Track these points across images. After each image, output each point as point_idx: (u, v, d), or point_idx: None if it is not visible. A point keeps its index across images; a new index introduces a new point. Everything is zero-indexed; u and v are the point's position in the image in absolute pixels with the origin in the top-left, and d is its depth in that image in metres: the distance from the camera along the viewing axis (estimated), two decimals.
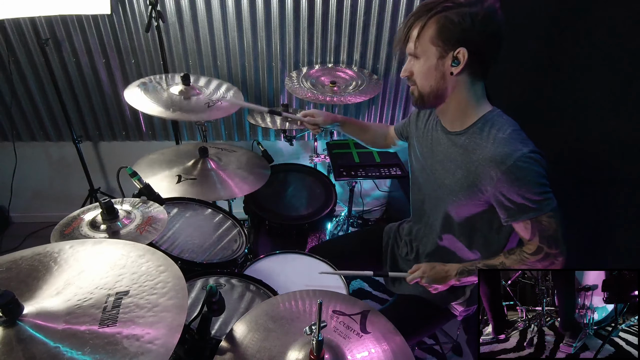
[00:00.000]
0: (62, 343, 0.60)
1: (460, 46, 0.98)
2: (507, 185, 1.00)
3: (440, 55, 1.01)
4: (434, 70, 1.03)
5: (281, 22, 2.12)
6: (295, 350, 0.83)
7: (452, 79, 1.03)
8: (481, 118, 1.07)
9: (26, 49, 2.10)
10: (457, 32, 0.97)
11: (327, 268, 1.38)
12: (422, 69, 1.05)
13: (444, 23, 0.97)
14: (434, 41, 1.00)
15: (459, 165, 1.10)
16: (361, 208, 2.87)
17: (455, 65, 1.00)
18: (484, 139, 1.04)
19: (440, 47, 1.00)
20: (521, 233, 1.07)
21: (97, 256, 0.79)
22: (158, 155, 1.71)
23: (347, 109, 2.45)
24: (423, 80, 1.07)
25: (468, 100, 1.07)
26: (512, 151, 0.98)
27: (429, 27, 1.00)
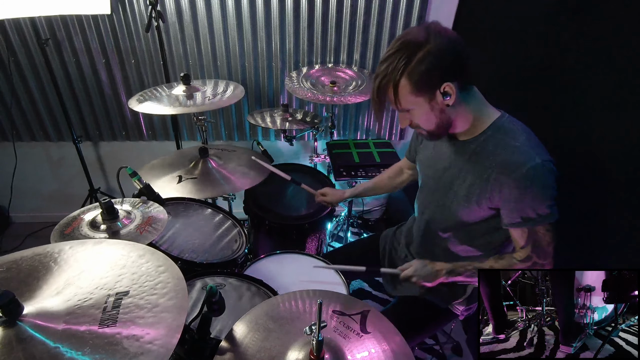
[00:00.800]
0: (62, 343, 0.60)
1: (441, 82, 0.98)
2: (515, 193, 1.00)
3: (430, 98, 1.01)
4: (431, 111, 1.03)
5: (281, 22, 2.12)
6: (296, 350, 0.83)
7: (451, 108, 1.03)
8: (492, 125, 1.07)
9: (26, 49, 2.10)
10: (430, 75, 0.97)
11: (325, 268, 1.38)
12: (419, 116, 1.06)
13: (413, 76, 0.97)
14: (416, 93, 1.00)
15: (469, 172, 1.10)
16: (361, 208, 2.87)
17: (447, 97, 1.00)
18: (498, 147, 1.04)
19: (425, 93, 1.00)
20: (516, 238, 1.08)
21: (97, 256, 0.79)
22: (160, 160, 1.71)
23: (346, 109, 2.45)
24: (426, 123, 1.07)
25: (474, 112, 1.07)
26: (525, 160, 0.98)
27: (402, 87, 0.99)
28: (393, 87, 1.00)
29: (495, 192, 1.04)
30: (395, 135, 2.57)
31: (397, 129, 2.55)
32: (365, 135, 2.57)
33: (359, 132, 2.56)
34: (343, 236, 2.60)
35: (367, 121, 2.52)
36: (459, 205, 1.15)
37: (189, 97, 1.77)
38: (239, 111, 2.41)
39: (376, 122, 2.51)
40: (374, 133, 2.56)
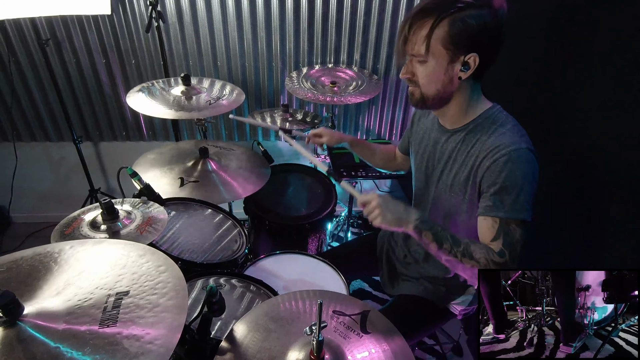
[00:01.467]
0: (62, 343, 0.60)
1: (472, 51, 0.94)
2: (492, 175, 0.98)
3: (451, 59, 0.96)
4: (443, 74, 0.98)
5: (281, 23, 2.13)
6: (296, 350, 0.83)
7: (458, 83, 1.01)
8: (482, 114, 1.07)
9: (26, 49, 2.10)
10: (472, 36, 0.92)
11: (325, 268, 1.38)
12: (428, 72, 1.00)
13: (457, 26, 0.91)
14: (445, 44, 0.94)
15: (458, 162, 1.10)
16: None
17: (464, 70, 0.97)
18: (485, 133, 1.04)
19: (451, 50, 0.94)
20: (484, 231, 1.02)
21: (98, 256, 0.79)
22: (156, 155, 1.71)
23: (347, 109, 2.45)
24: (428, 83, 1.01)
25: (469, 100, 1.07)
26: (510, 143, 0.98)
27: (440, 29, 0.93)
28: (432, 22, 0.92)
29: (478, 175, 1.02)
30: (395, 136, 2.57)
31: (397, 129, 2.55)
32: (366, 136, 2.57)
33: (359, 132, 2.56)
34: (343, 236, 2.60)
35: (367, 121, 2.52)
36: (447, 196, 1.14)
37: (188, 99, 1.76)
38: (239, 112, 2.40)
39: (376, 121, 2.51)
40: (374, 133, 2.56)
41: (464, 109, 1.08)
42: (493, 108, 1.08)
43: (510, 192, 0.97)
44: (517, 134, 1.01)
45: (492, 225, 1.00)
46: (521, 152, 0.97)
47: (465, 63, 0.96)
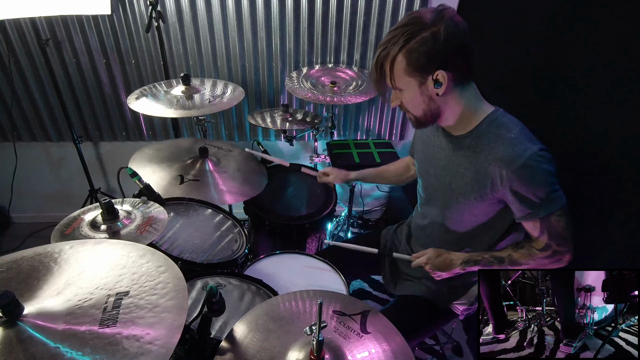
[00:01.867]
0: (62, 343, 0.60)
1: (436, 69, 0.98)
2: (517, 184, 1.01)
3: (420, 82, 1.01)
4: (420, 96, 1.04)
5: (281, 23, 2.12)
6: (296, 350, 0.83)
7: (441, 98, 1.03)
8: (485, 119, 1.07)
9: (26, 49, 2.10)
10: (427, 58, 0.96)
11: (325, 268, 1.38)
12: (408, 99, 1.06)
13: (411, 55, 0.97)
14: (409, 73, 1.00)
15: (467, 168, 1.10)
16: (361, 208, 2.87)
17: (438, 87, 1.00)
18: (493, 140, 1.04)
19: (417, 76, 1.00)
20: (530, 231, 1.08)
21: (98, 256, 0.79)
22: (154, 151, 1.71)
23: (347, 109, 2.45)
24: (413, 107, 1.08)
25: (465, 106, 1.07)
26: (522, 150, 0.99)
27: (398, 63, 1.00)
28: (390, 60, 1.00)
29: (498, 185, 1.04)
30: (395, 136, 2.57)
31: (397, 129, 2.55)
32: (366, 136, 2.57)
33: (359, 132, 2.56)
34: (343, 236, 2.60)
35: (367, 121, 2.52)
36: (459, 202, 1.15)
37: (188, 98, 1.77)
38: (239, 111, 2.41)
39: (376, 121, 2.51)
40: (374, 133, 2.56)
41: (464, 116, 1.08)
42: (496, 112, 1.08)
43: (539, 194, 1.01)
44: (525, 138, 1.02)
45: (535, 225, 1.06)
46: (536, 156, 0.99)
47: (436, 81, 1.00)
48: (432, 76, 0.99)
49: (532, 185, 1.00)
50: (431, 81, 1.00)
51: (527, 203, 1.02)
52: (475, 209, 1.14)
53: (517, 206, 1.05)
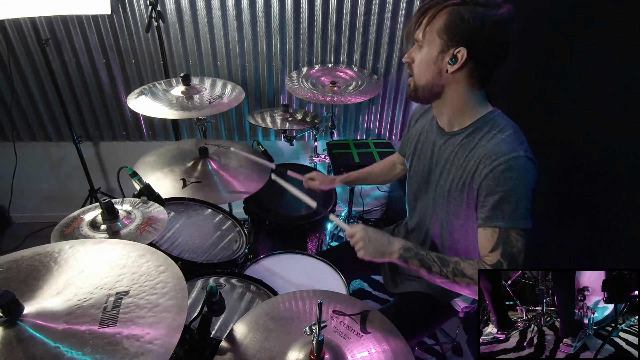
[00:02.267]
0: (62, 343, 0.60)
1: (462, 45, 0.96)
2: (491, 183, 0.98)
3: (442, 49, 0.98)
4: (433, 63, 1.01)
5: (281, 22, 2.12)
6: (296, 350, 0.83)
7: (448, 77, 1.01)
8: (481, 118, 1.06)
9: (26, 49, 2.10)
10: (463, 30, 0.94)
11: (325, 268, 1.38)
12: (422, 59, 1.03)
13: (454, 17, 0.94)
14: (440, 33, 0.97)
15: (455, 165, 1.09)
16: (361, 208, 2.87)
17: (452, 63, 0.98)
18: (483, 138, 1.03)
19: (443, 40, 0.97)
20: (483, 242, 1.01)
21: (97, 256, 0.79)
22: (155, 157, 1.71)
23: (347, 109, 2.45)
24: (421, 71, 1.04)
25: (466, 102, 1.06)
26: (509, 151, 0.97)
27: (439, 17, 0.97)
28: (435, 11, 0.97)
29: (475, 182, 1.02)
30: (395, 135, 2.57)
31: (397, 129, 2.55)
32: (365, 136, 2.57)
33: (359, 132, 2.56)
34: (343, 236, 2.60)
35: (367, 121, 2.52)
36: (445, 201, 1.14)
37: (188, 98, 1.77)
38: (239, 111, 2.41)
39: (376, 121, 2.51)
40: (374, 133, 2.56)
41: (460, 110, 1.07)
42: (493, 112, 1.07)
43: (509, 201, 0.96)
44: (516, 141, 1.00)
45: (492, 236, 0.99)
46: (519, 160, 0.96)
47: (454, 56, 0.98)
48: (454, 50, 0.97)
49: (505, 189, 0.96)
50: (450, 54, 0.98)
51: (491, 207, 0.98)
52: (460, 209, 1.11)
53: (481, 208, 1.00)
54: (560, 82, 1.46)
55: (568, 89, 1.41)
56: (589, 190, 1.32)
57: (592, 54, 1.30)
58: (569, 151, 1.40)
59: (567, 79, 1.42)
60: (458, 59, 0.97)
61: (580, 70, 1.36)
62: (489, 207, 0.99)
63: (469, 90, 1.04)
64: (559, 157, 1.42)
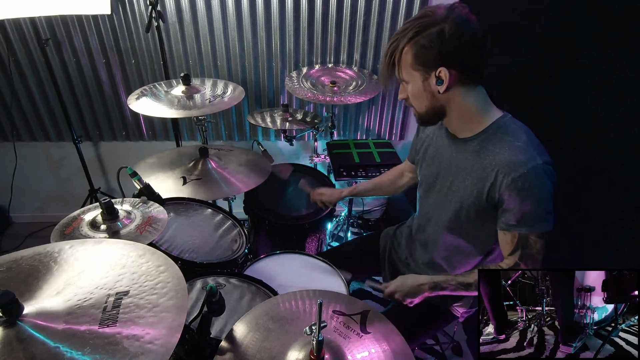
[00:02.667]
0: (62, 343, 0.60)
1: (439, 66, 0.98)
2: (512, 192, 0.99)
3: (424, 77, 1.02)
4: (423, 91, 1.04)
5: (281, 22, 2.12)
6: (296, 350, 0.83)
7: (442, 96, 1.03)
8: (493, 124, 1.06)
9: (26, 49, 2.10)
10: (432, 54, 0.97)
11: (326, 268, 1.38)
12: (413, 93, 1.06)
13: (417, 49, 0.98)
14: (414, 67, 1.01)
15: (469, 172, 1.09)
16: (361, 208, 2.87)
17: (440, 84, 1.00)
18: (498, 146, 1.03)
19: (421, 70, 1.01)
20: (503, 245, 1.07)
21: (97, 256, 0.79)
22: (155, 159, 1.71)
23: (347, 109, 2.45)
24: (417, 102, 1.08)
25: (471, 108, 1.06)
26: (527, 160, 0.97)
27: (405, 55, 1.01)
28: (399, 52, 1.01)
29: (495, 191, 1.03)
30: (395, 135, 2.57)
31: (397, 129, 2.55)
32: (365, 135, 2.57)
33: (359, 132, 2.56)
34: (343, 236, 2.60)
35: (367, 121, 2.52)
36: (457, 206, 1.14)
37: (188, 98, 1.77)
38: (239, 111, 2.41)
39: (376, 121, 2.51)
40: (374, 133, 2.56)
41: (469, 118, 1.07)
42: (504, 117, 1.07)
43: (531, 209, 0.99)
44: (531, 147, 1.00)
45: (512, 240, 1.03)
46: (538, 169, 0.97)
47: (438, 78, 1.00)
48: (435, 72, 0.99)
49: (526, 197, 0.98)
50: (434, 77, 1.00)
51: (513, 214, 1.01)
52: (474, 214, 1.12)
53: (505, 215, 1.03)
54: (560, 82, 1.46)
55: (568, 89, 1.41)
56: (588, 190, 1.32)
57: (592, 54, 1.30)
58: (568, 151, 1.40)
59: (567, 79, 1.42)
60: (443, 78, 0.99)
61: (580, 70, 1.36)
62: (510, 214, 1.02)
63: (468, 96, 1.04)
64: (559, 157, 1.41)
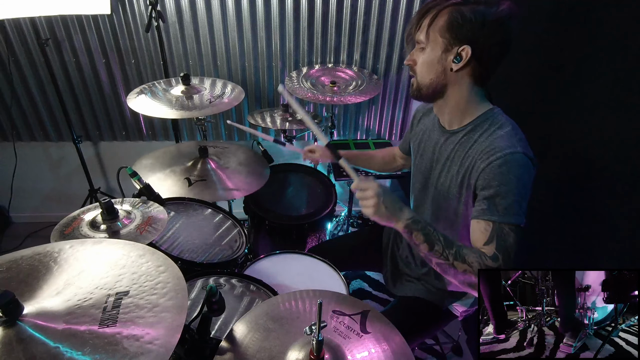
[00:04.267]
0: (62, 343, 0.60)
1: (465, 44, 0.97)
2: (486, 177, 0.99)
3: (445, 48, 1.00)
4: (437, 63, 1.02)
5: (281, 22, 2.12)
6: (296, 350, 0.83)
7: (452, 75, 1.03)
8: (481, 115, 1.07)
9: (26, 49, 2.10)
10: (466, 29, 0.96)
11: (326, 268, 1.38)
12: (425, 60, 1.04)
13: (455, 17, 0.96)
14: (442, 33, 0.99)
15: (455, 163, 1.10)
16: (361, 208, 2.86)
17: (457, 62, 0.99)
18: (482, 135, 1.04)
19: (446, 40, 0.99)
20: (477, 234, 1.00)
21: (97, 256, 0.79)
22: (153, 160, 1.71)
23: (347, 109, 2.45)
24: (424, 71, 1.05)
25: (467, 100, 1.07)
26: (506, 146, 0.98)
27: (440, 17, 0.98)
28: (435, 12, 0.99)
29: (473, 177, 1.03)
30: (395, 135, 2.57)
31: (397, 129, 2.55)
32: (365, 135, 2.57)
33: (359, 132, 2.56)
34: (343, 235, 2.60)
35: (367, 121, 2.52)
36: (445, 198, 1.15)
37: (188, 98, 1.77)
38: (239, 111, 2.41)
39: (375, 121, 2.51)
40: (374, 133, 2.56)
41: (461, 109, 1.08)
42: (493, 110, 1.08)
43: (504, 196, 0.97)
44: (515, 137, 1.00)
45: (485, 229, 0.99)
46: (516, 156, 0.97)
47: (458, 54, 0.99)
48: (458, 49, 0.98)
49: (500, 183, 0.96)
50: (454, 53, 0.99)
51: (486, 199, 0.99)
52: (459, 205, 1.12)
53: (477, 202, 1.01)
54: (559, 82, 1.46)
55: (567, 88, 1.41)
56: (588, 190, 1.32)
57: (592, 53, 1.30)
58: (568, 150, 1.40)
59: (567, 79, 1.42)
60: (462, 57, 0.98)
61: (580, 70, 1.36)
62: (484, 200, 1.00)
63: (471, 89, 1.05)
64: (559, 157, 1.42)
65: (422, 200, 1.28)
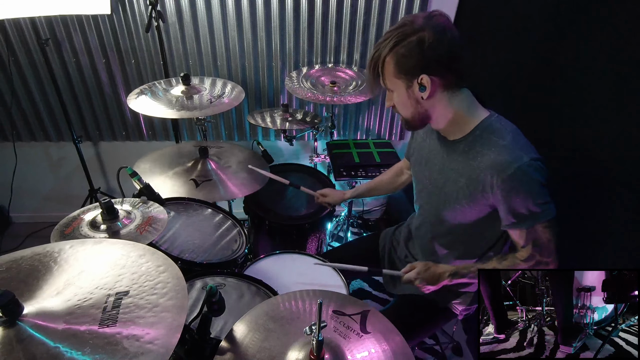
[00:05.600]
0: (62, 343, 0.60)
1: (420, 73, 1.00)
2: (506, 193, 1.00)
3: (407, 85, 1.04)
4: (408, 99, 1.07)
5: (281, 22, 2.12)
6: (296, 350, 0.83)
7: (427, 102, 1.05)
8: (479, 125, 1.07)
9: (26, 49, 2.10)
10: (412, 62, 0.99)
11: (325, 268, 1.38)
12: (398, 100, 1.09)
13: (398, 58, 1.01)
14: (396, 75, 1.04)
15: (461, 173, 1.11)
16: (361, 208, 2.87)
17: (423, 90, 1.02)
18: (485, 147, 1.04)
19: (403, 79, 1.03)
20: (515, 239, 1.08)
21: (97, 256, 0.79)
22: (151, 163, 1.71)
23: (347, 109, 2.45)
24: (402, 109, 1.11)
25: (456, 111, 1.07)
26: (513, 159, 0.98)
27: (387, 64, 1.03)
28: (381, 61, 1.04)
29: (488, 192, 1.05)
30: (395, 135, 2.57)
31: (397, 129, 2.55)
32: (365, 135, 2.57)
33: (359, 132, 2.56)
34: (343, 236, 2.60)
35: (367, 121, 2.52)
36: (451, 207, 1.15)
37: (188, 98, 1.77)
38: (239, 111, 2.41)
39: (375, 121, 2.51)
40: (374, 133, 2.56)
41: (456, 121, 1.09)
42: (490, 117, 1.08)
43: (527, 205, 1.00)
44: (517, 147, 1.01)
45: (520, 235, 1.06)
46: (525, 167, 0.98)
47: (421, 84, 1.02)
48: (417, 80, 1.01)
49: (520, 195, 0.99)
50: (416, 85, 1.02)
51: (513, 212, 1.02)
52: (468, 214, 1.13)
53: (504, 214, 1.05)
54: (558, 82, 1.46)
55: (567, 88, 1.41)
56: (588, 190, 1.32)
57: (592, 53, 1.30)
58: (568, 150, 1.40)
59: (567, 79, 1.42)
60: (425, 85, 1.01)
61: (580, 70, 1.36)
62: (508, 214, 1.03)
63: (452, 100, 1.06)
64: (558, 157, 1.42)
65: (426, 205, 1.29)
